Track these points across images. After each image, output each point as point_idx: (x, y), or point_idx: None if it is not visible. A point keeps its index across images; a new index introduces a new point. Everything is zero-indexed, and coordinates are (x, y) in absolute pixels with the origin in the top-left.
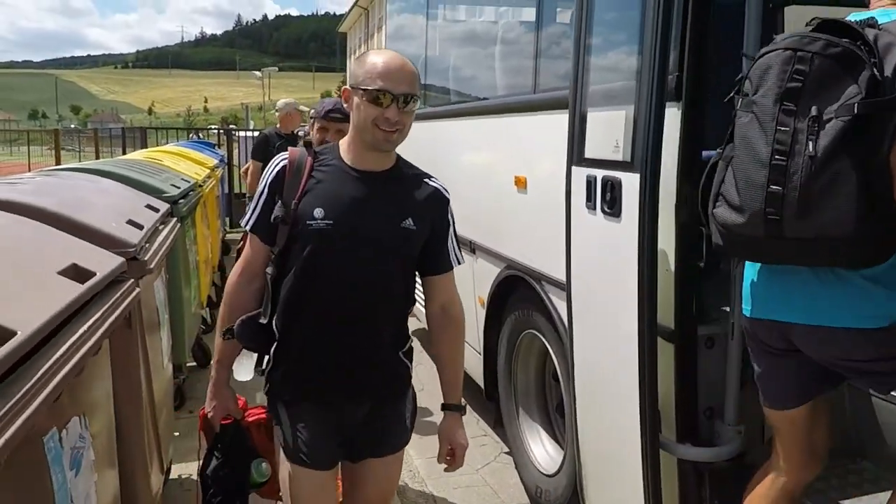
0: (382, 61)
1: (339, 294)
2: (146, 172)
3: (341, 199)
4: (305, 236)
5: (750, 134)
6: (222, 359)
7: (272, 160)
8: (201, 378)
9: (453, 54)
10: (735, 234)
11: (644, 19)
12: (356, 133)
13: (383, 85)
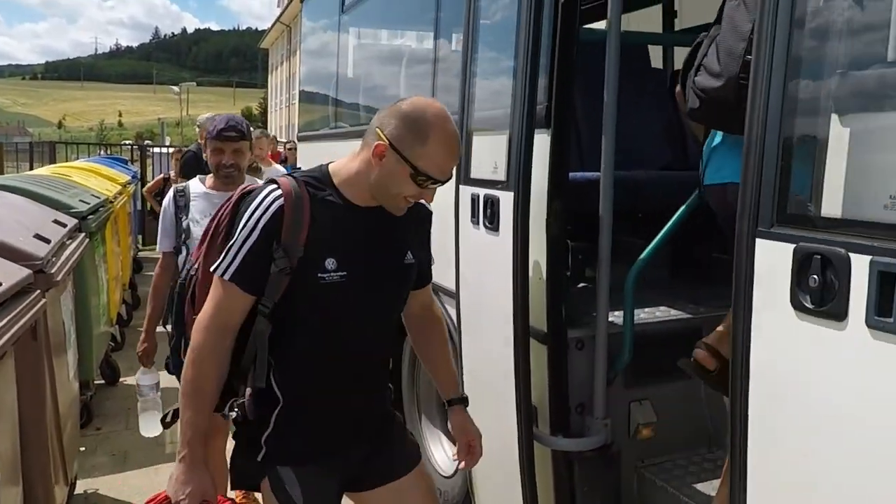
0: (447, 150)
1: (352, 345)
2: (53, 188)
3: (350, 246)
4: (316, 289)
5: (735, 15)
6: (197, 435)
7: (258, 194)
8: (109, 395)
9: (363, 77)
10: (711, 97)
11: (518, 55)
12: (373, 187)
13: (439, 176)
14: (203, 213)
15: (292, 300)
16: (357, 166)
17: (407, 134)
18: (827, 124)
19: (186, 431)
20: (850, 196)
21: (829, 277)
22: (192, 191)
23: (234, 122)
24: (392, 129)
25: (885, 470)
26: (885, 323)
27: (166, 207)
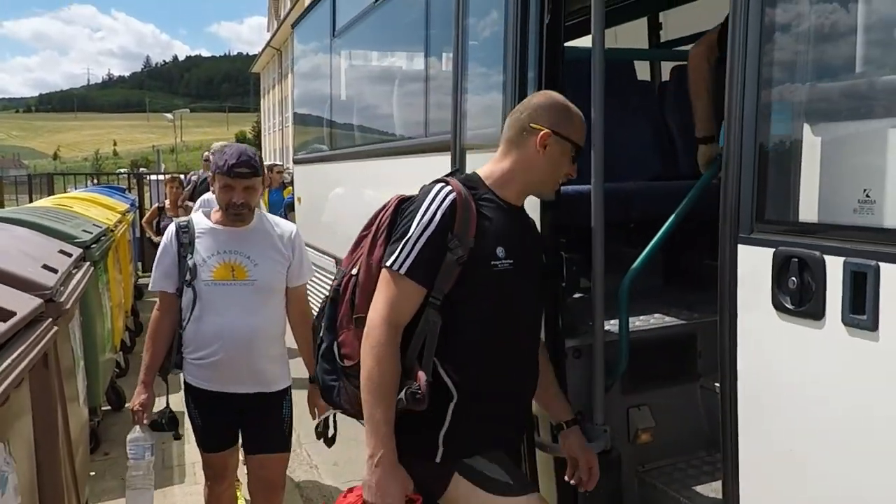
0: (580, 120)
1: (518, 332)
2: (57, 219)
3: (512, 238)
4: (488, 277)
5: None
6: (390, 432)
7: (430, 191)
8: (116, 421)
9: (358, 102)
10: None
11: (506, 73)
12: (537, 175)
13: (582, 144)
14: (210, 251)
15: (465, 289)
16: (510, 166)
17: (559, 118)
18: (800, 134)
19: (380, 430)
20: (823, 201)
21: (807, 279)
22: (196, 226)
23: (245, 157)
24: (547, 119)
25: (862, 455)
26: (859, 320)
27: (167, 245)
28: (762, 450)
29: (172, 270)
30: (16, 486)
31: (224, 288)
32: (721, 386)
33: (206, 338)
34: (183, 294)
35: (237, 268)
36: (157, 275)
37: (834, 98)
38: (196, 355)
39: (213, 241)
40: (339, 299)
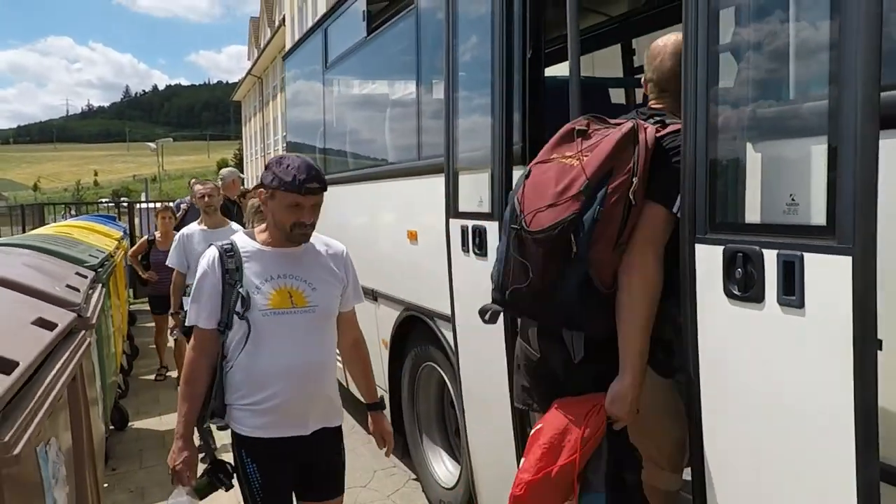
0: None
1: None
2: (65, 245)
3: None
4: None
5: None
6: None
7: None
8: (120, 440)
9: (350, 126)
10: None
11: (494, 102)
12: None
13: None
14: (263, 277)
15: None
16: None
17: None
18: (744, 150)
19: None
20: (761, 205)
21: (750, 269)
22: (241, 249)
23: (314, 171)
24: None
25: (799, 419)
26: (790, 300)
27: (208, 272)
28: (722, 420)
29: (215, 302)
30: (64, 476)
31: (283, 317)
32: (685, 362)
33: (264, 377)
34: (229, 328)
35: (295, 294)
36: (197, 308)
37: (768, 121)
38: (250, 400)
39: (264, 264)
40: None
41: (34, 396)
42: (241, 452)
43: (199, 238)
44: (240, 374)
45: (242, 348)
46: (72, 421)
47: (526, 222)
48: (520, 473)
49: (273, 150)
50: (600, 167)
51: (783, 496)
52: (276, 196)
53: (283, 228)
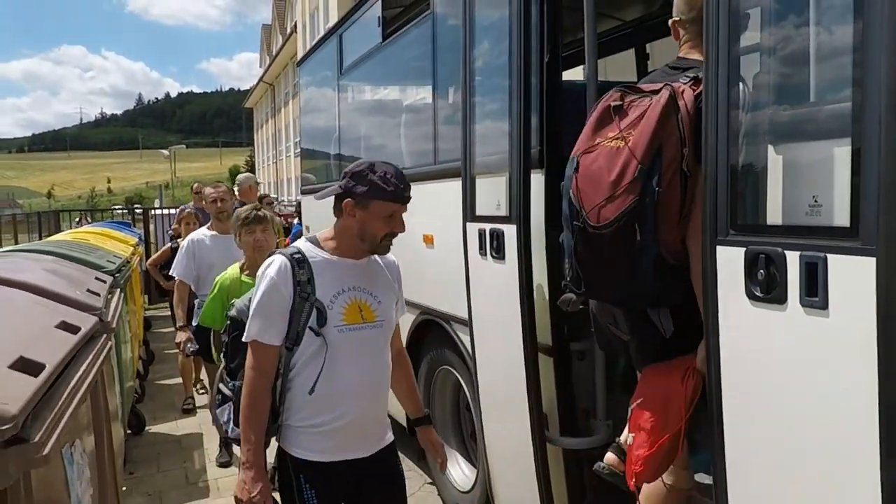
0: None
1: None
2: (84, 251)
3: None
4: None
5: None
6: None
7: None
8: (137, 444)
9: (366, 134)
10: None
11: (511, 106)
12: None
13: None
14: (334, 289)
15: None
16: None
17: None
18: (765, 153)
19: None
20: (784, 207)
21: (772, 271)
22: (309, 258)
23: (405, 179)
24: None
25: (822, 420)
26: (813, 301)
27: (276, 283)
28: (744, 421)
29: (283, 316)
30: (88, 478)
31: (355, 333)
32: (707, 363)
33: (334, 397)
34: (299, 345)
35: (364, 308)
36: (262, 323)
37: (789, 125)
38: (316, 421)
39: (335, 276)
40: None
41: (60, 398)
42: (299, 478)
43: (212, 245)
44: (304, 393)
45: (322, 367)
46: (94, 424)
47: (589, 218)
48: (635, 451)
49: (285, 156)
50: (649, 146)
51: (806, 501)
52: (370, 206)
53: (372, 239)
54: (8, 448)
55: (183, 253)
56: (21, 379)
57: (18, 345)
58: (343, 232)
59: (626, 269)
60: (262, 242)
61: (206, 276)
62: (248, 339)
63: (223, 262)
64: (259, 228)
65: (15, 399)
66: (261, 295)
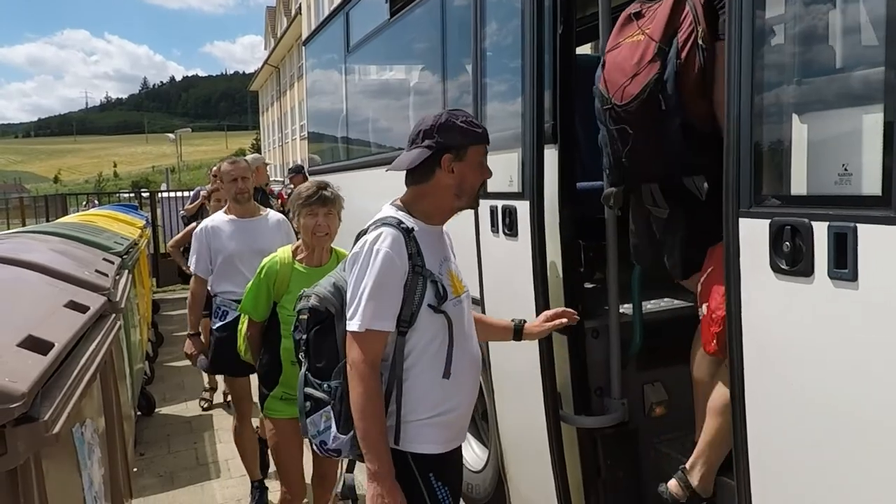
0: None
1: None
2: (91, 233)
3: None
4: None
5: None
6: None
7: None
8: (147, 425)
9: (374, 112)
10: None
11: (524, 81)
12: None
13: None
14: (437, 260)
15: None
16: None
17: None
18: (790, 122)
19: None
20: (808, 177)
21: (798, 243)
22: (410, 226)
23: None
24: None
25: (852, 397)
26: (842, 273)
27: (392, 259)
28: (767, 393)
29: (400, 296)
30: (100, 458)
31: (462, 306)
32: (728, 340)
33: (462, 378)
34: (413, 327)
35: (455, 277)
36: (376, 307)
37: (816, 91)
38: (445, 408)
39: (433, 245)
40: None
41: (70, 377)
42: (428, 477)
43: (230, 231)
44: (433, 380)
45: (451, 347)
46: (104, 404)
47: (615, 99)
48: (713, 312)
49: (290, 139)
50: (665, 28)
51: (835, 483)
52: (467, 155)
53: (470, 192)
54: (17, 427)
55: (195, 243)
56: (30, 357)
57: (27, 323)
58: (434, 194)
59: (656, 139)
60: (323, 228)
61: (225, 269)
62: (361, 329)
63: (244, 252)
64: (322, 211)
65: (24, 377)
66: (377, 274)
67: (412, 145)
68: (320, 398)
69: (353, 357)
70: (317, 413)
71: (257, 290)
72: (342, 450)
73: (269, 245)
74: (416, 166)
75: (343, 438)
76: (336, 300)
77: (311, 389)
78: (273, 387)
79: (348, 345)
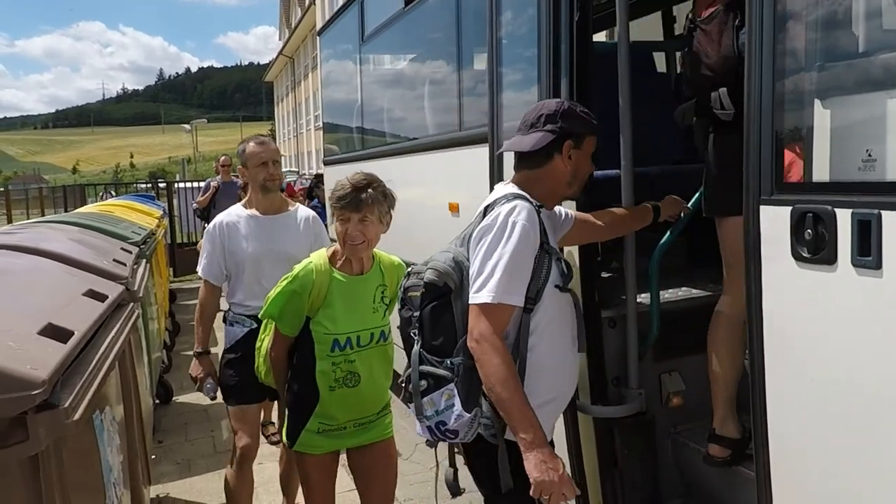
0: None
1: None
2: (110, 223)
3: None
4: None
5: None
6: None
7: None
8: (165, 413)
9: (389, 101)
10: None
11: (540, 65)
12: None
13: None
14: (554, 241)
15: None
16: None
17: None
18: (811, 108)
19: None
20: (831, 164)
21: (820, 230)
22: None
23: None
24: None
25: (876, 387)
26: (865, 261)
27: (529, 231)
28: (787, 382)
29: (529, 273)
30: (119, 445)
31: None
32: (749, 329)
33: (568, 363)
34: (539, 304)
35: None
36: (510, 281)
37: (838, 76)
38: (552, 395)
39: (551, 229)
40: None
41: (89, 365)
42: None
43: (249, 230)
44: (545, 363)
45: (574, 328)
46: (122, 391)
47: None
48: None
49: (305, 129)
50: None
51: (856, 473)
52: (584, 144)
53: (581, 180)
54: (38, 413)
55: (206, 243)
56: (50, 345)
57: (46, 311)
58: (547, 179)
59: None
60: (356, 237)
61: (240, 276)
62: (494, 301)
63: (265, 256)
64: (356, 217)
65: (44, 365)
66: (514, 246)
67: (531, 129)
68: (442, 375)
69: (482, 330)
70: (437, 391)
71: (287, 299)
72: (460, 431)
73: (295, 248)
74: (532, 150)
75: (465, 418)
76: (456, 275)
77: (430, 367)
78: (307, 419)
79: (474, 318)
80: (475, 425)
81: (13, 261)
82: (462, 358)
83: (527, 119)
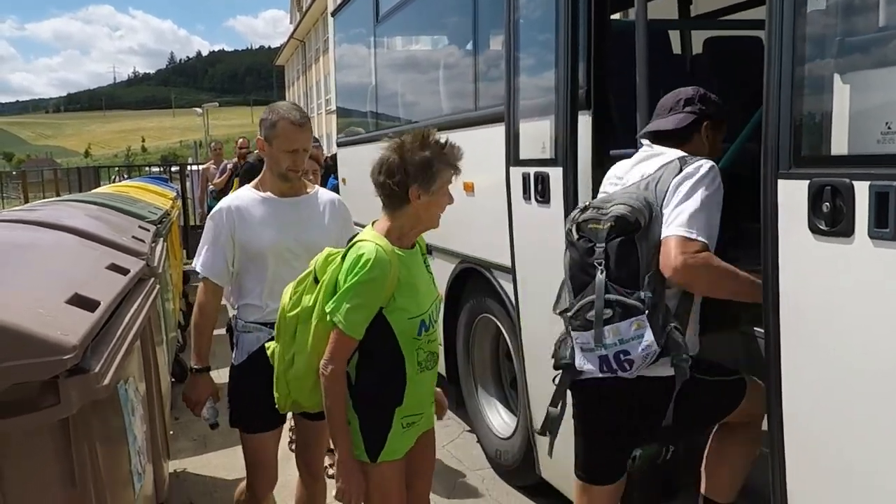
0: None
1: None
2: (126, 202)
3: None
4: None
5: None
6: None
7: None
8: (181, 391)
9: (404, 81)
10: None
11: (558, 44)
12: None
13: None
14: None
15: None
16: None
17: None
18: (831, 81)
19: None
20: (850, 137)
21: (838, 203)
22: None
23: None
24: None
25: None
26: (882, 233)
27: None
28: (803, 354)
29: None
30: (142, 415)
31: None
32: (764, 303)
33: None
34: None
35: None
36: (711, 222)
37: (858, 49)
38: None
39: None
40: None
41: (115, 335)
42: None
43: (265, 215)
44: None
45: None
46: (143, 365)
47: None
48: None
49: (316, 113)
50: None
51: (873, 450)
52: (719, 125)
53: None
54: (70, 378)
55: (207, 231)
56: (78, 314)
57: (72, 283)
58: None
59: None
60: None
61: (260, 273)
62: (699, 238)
63: (287, 247)
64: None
65: (74, 331)
66: (714, 191)
67: (670, 112)
68: (633, 305)
69: (689, 250)
70: (625, 321)
71: (369, 295)
72: (636, 362)
73: (324, 238)
74: (674, 129)
75: (653, 349)
76: (647, 212)
77: (618, 296)
78: (391, 422)
79: (676, 248)
80: (650, 360)
81: (37, 235)
82: (652, 292)
83: (665, 104)
